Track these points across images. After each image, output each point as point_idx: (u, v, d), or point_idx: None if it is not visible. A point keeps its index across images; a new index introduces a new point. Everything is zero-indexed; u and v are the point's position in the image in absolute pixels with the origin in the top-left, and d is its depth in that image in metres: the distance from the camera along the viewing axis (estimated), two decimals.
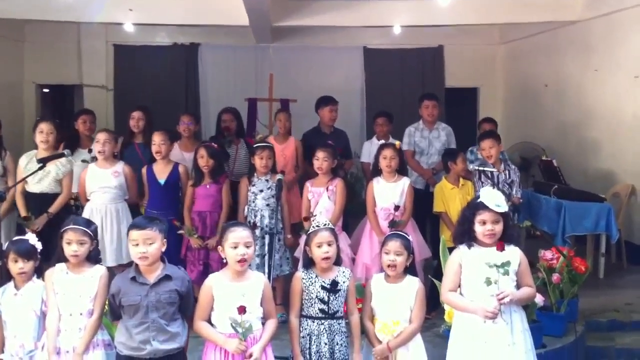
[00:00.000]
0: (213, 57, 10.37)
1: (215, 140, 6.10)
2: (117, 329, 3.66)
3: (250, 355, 3.55)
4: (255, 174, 5.75)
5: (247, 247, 3.64)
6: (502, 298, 3.58)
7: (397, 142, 5.82)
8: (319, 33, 9.71)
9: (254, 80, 10.02)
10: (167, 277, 3.60)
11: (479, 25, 9.21)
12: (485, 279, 3.61)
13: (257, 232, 5.47)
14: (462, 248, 3.83)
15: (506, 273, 3.63)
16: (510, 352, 3.67)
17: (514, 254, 3.73)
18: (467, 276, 3.78)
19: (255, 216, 5.62)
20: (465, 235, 3.83)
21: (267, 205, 5.62)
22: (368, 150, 7.06)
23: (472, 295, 3.75)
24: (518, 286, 3.75)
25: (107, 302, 3.78)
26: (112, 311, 3.67)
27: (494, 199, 3.72)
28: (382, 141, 6.58)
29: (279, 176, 5.61)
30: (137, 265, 3.63)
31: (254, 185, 5.71)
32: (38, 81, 10.23)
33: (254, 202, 5.68)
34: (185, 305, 3.68)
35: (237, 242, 3.62)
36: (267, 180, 5.64)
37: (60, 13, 7.94)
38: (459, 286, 3.83)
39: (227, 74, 10.30)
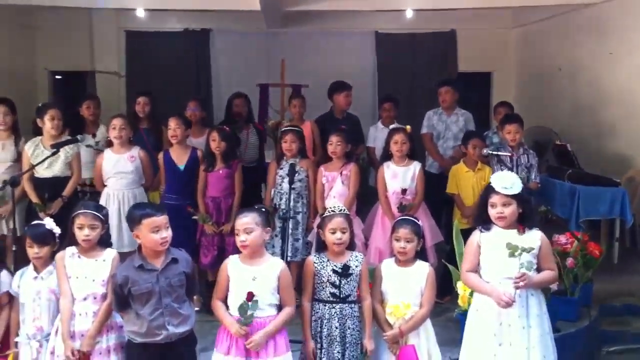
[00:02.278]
0: (224, 42, 10.33)
1: (226, 125, 6.09)
2: (125, 319, 3.66)
3: (250, 342, 3.56)
4: (284, 158, 5.77)
5: (247, 233, 3.65)
6: (518, 283, 3.56)
7: (407, 127, 5.79)
8: (330, 18, 9.65)
9: (265, 66, 9.98)
10: (173, 261, 3.62)
11: (492, 9, 9.13)
12: (508, 253, 3.58)
13: (282, 214, 5.50)
14: (481, 230, 3.82)
15: (526, 253, 3.61)
16: (525, 335, 3.67)
17: (534, 238, 3.70)
18: (485, 258, 3.78)
19: (281, 199, 5.65)
20: (480, 218, 3.84)
21: (293, 189, 5.63)
22: (373, 135, 7.08)
23: (489, 277, 3.75)
24: (539, 270, 3.72)
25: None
26: (119, 302, 3.61)
27: (502, 181, 3.70)
28: (392, 126, 6.55)
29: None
30: (140, 252, 3.62)
31: (281, 169, 5.73)
32: (50, 68, 10.24)
33: (280, 185, 5.72)
34: (190, 286, 3.71)
35: (238, 228, 3.68)
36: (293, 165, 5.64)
37: None
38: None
39: (238, 59, 10.25)
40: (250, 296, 3.54)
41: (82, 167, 5.88)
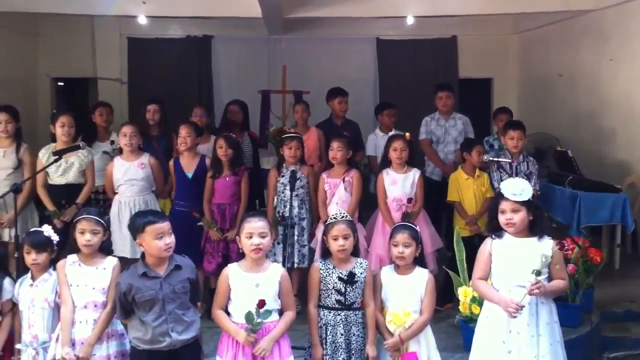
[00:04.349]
0: (226, 49, 10.38)
1: (222, 132, 6.10)
2: (129, 325, 3.67)
3: (259, 349, 3.57)
4: (284, 165, 5.77)
5: (262, 237, 3.66)
6: (534, 290, 3.56)
7: (407, 134, 5.80)
8: (332, 24, 9.68)
9: (266, 72, 10.03)
10: (177, 267, 3.63)
11: (493, 15, 9.13)
12: (530, 270, 3.57)
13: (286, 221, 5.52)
14: (492, 238, 3.83)
15: (546, 264, 3.62)
16: (535, 343, 3.67)
17: (546, 246, 3.70)
18: (496, 265, 3.78)
19: (285, 207, 5.61)
20: (491, 225, 3.85)
21: (296, 196, 5.64)
22: (374, 143, 7.01)
23: (500, 285, 3.76)
24: (550, 279, 3.73)
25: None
26: (123, 310, 3.61)
27: (512, 188, 3.71)
28: (391, 133, 6.56)
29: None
30: (144, 260, 3.63)
31: (282, 176, 5.73)
32: (52, 74, 10.28)
33: (283, 192, 5.70)
34: (194, 292, 3.71)
35: (251, 232, 3.65)
36: (294, 171, 5.64)
37: (74, 6, 7.98)
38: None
39: (239, 66, 10.31)
40: (262, 304, 3.54)
41: (96, 174, 5.90)
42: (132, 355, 3.69)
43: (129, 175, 5.66)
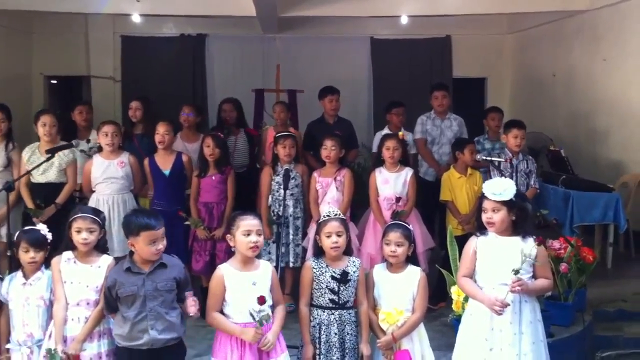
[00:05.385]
0: (220, 48, 10.36)
1: (218, 131, 6.09)
2: (114, 321, 3.67)
3: (267, 342, 3.57)
4: (278, 164, 5.77)
5: (259, 235, 3.67)
6: (515, 287, 3.56)
7: (400, 133, 5.80)
8: (326, 23, 9.70)
9: (261, 71, 10.02)
10: (162, 265, 3.62)
11: (487, 15, 9.17)
12: (511, 269, 3.58)
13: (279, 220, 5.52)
14: (477, 235, 3.85)
15: (530, 263, 3.64)
16: (517, 341, 3.67)
17: (529, 245, 3.69)
18: (481, 263, 3.79)
19: (280, 206, 5.61)
20: (477, 222, 3.88)
21: (292, 195, 5.64)
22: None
23: (484, 282, 3.77)
24: (534, 278, 3.74)
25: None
26: (108, 304, 3.64)
27: (493, 187, 3.73)
28: (384, 132, 6.55)
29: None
30: (131, 255, 3.63)
31: (277, 175, 5.72)
32: (46, 72, 10.25)
33: (277, 191, 5.70)
34: (181, 293, 3.68)
35: (249, 229, 3.64)
36: (287, 170, 5.64)
37: (68, 4, 7.97)
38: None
39: (234, 64, 10.30)
40: (263, 300, 3.52)
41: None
42: (116, 352, 3.70)
43: (108, 174, 5.64)
